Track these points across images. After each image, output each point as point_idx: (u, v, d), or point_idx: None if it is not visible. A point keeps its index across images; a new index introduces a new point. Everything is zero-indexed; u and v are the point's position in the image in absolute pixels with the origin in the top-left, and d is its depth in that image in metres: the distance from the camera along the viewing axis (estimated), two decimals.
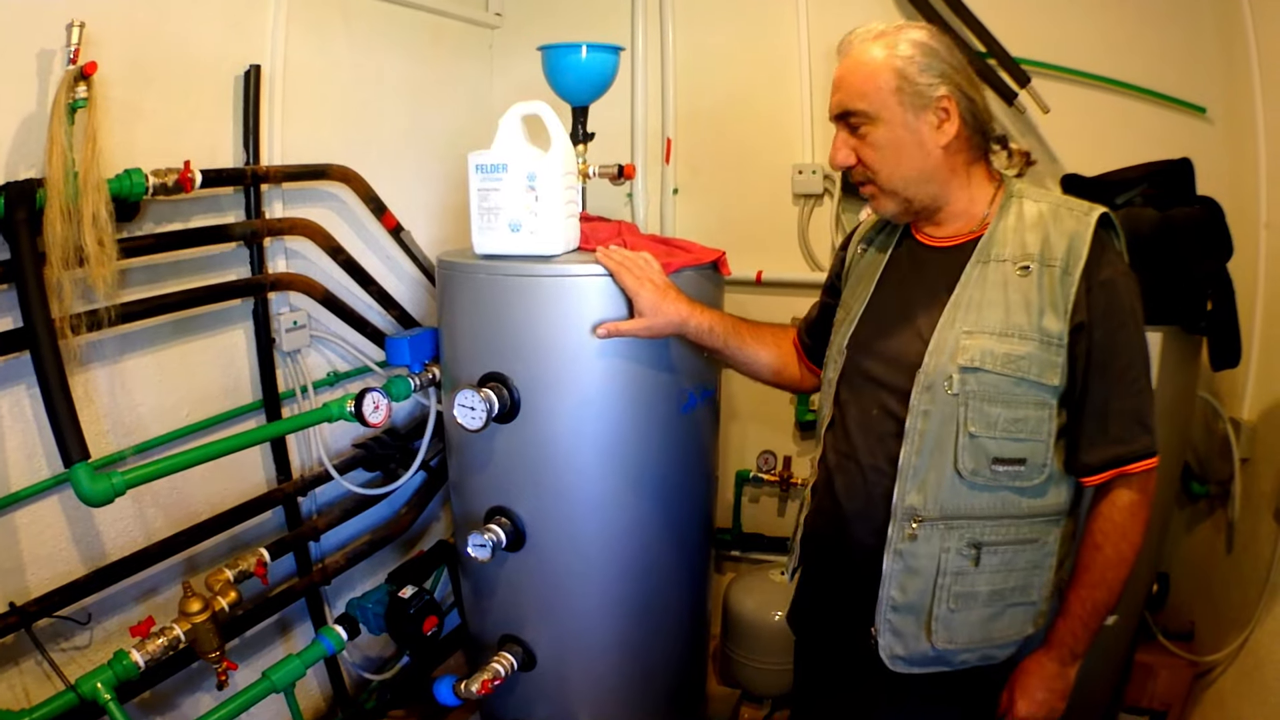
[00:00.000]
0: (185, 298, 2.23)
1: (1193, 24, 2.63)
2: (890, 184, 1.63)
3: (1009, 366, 1.53)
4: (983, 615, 1.61)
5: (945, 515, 1.58)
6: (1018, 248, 1.57)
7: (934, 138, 1.59)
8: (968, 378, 1.54)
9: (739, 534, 3.48)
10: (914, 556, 1.59)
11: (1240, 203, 2.47)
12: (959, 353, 1.55)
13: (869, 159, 1.62)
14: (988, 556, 1.58)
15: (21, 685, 1.98)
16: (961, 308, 1.58)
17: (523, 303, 2.08)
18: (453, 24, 3.26)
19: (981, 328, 1.55)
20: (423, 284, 3.07)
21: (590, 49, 2.38)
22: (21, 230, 1.79)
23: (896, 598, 1.62)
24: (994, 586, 1.60)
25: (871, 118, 1.59)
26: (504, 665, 2.23)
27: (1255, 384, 2.50)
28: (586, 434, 2.13)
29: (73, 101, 1.84)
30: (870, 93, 1.58)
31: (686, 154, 3.35)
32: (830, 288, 1.98)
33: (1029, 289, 1.54)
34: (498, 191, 2.07)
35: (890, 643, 1.63)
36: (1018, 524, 1.59)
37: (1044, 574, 1.64)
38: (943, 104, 1.57)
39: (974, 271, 1.59)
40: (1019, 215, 1.61)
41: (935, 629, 1.60)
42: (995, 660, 1.66)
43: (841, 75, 1.63)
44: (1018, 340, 1.53)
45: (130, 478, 1.87)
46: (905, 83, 1.56)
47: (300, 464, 2.67)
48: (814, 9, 3.07)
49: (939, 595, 1.59)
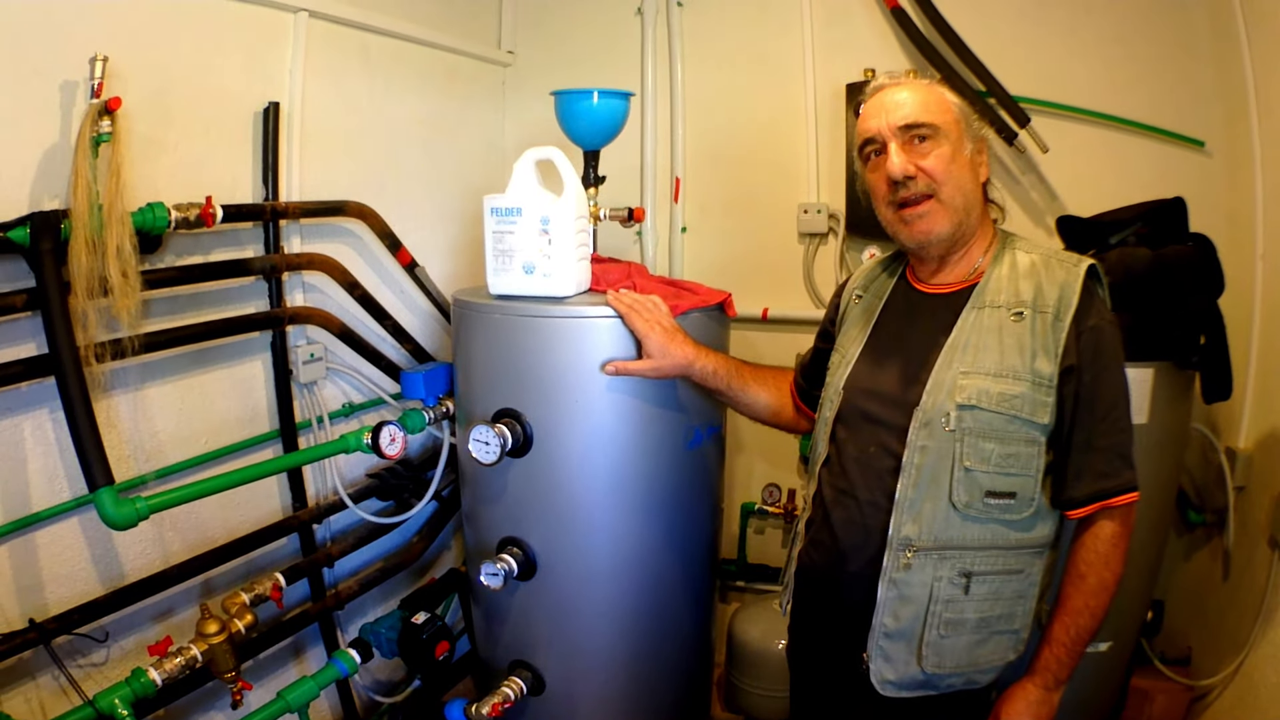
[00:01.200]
0: (206, 329, 2.28)
1: (1191, 59, 2.68)
2: (953, 199, 1.67)
3: (1003, 405, 1.59)
4: (969, 641, 1.66)
5: (939, 545, 1.63)
6: (1012, 295, 1.65)
7: (979, 173, 1.72)
8: (964, 415, 1.60)
9: (744, 564, 3.49)
10: (908, 585, 1.64)
11: (1237, 235, 2.52)
12: (956, 391, 1.61)
13: (934, 169, 1.65)
14: (977, 585, 1.64)
15: (38, 699, 2.01)
16: (959, 350, 1.65)
17: (536, 342, 2.12)
18: (467, 63, 3.32)
19: (978, 368, 1.62)
20: (436, 318, 3.11)
21: (602, 95, 2.41)
22: (47, 260, 1.83)
23: (889, 624, 1.66)
24: (982, 614, 1.65)
25: (942, 134, 1.66)
26: (514, 689, 2.26)
27: (1251, 413, 2.52)
28: (596, 468, 2.17)
29: (97, 135, 1.88)
30: (939, 112, 1.67)
31: (695, 193, 3.40)
32: (824, 333, 2.06)
33: (1022, 333, 1.62)
34: (512, 234, 2.12)
35: (881, 668, 1.68)
36: (1006, 555, 1.65)
37: (1027, 603, 1.69)
38: (981, 147, 1.72)
39: (970, 316, 1.67)
40: (1012, 265, 1.69)
41: (926, 654, 1.65)
42: (978, 685, 1.71)
43: (905, 97, 1.68)
44: (1012, 380, 1.60)
45: (154, 503, 1.90)
46: (966, 116, 1.71)
47: (315, 492, 2.71)
48: (820, 51, 3.12)
49: (930, 621, 1.64)
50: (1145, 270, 2.14)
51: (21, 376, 1.90)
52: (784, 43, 3.17)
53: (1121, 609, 2.29)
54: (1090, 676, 2.33)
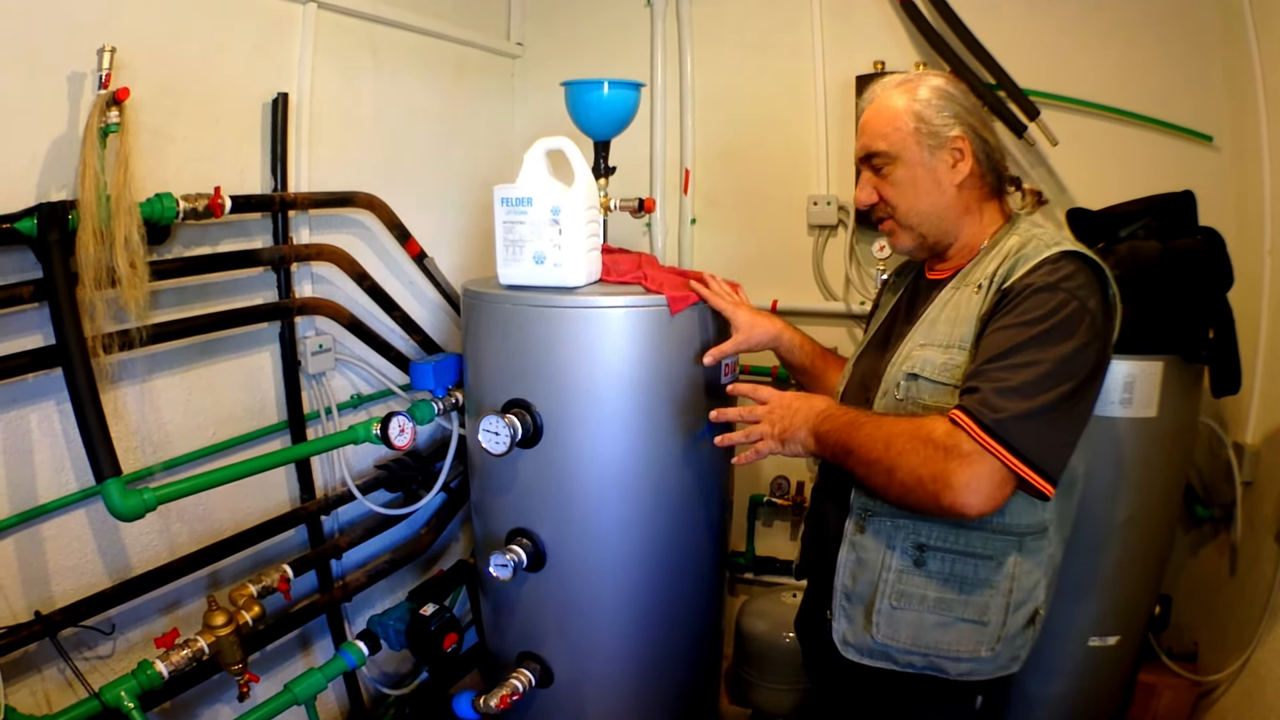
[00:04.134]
0: (214, 320, 2.27)
1: (1200, 54, 2.68)
2: (907, 219, 1.74)
3: (944, 374, 1.62)
4: (927, 620, 1.65)
5: (893, 514, 1.66)
6: (980, 271, 1.66)
7: (949, 176, 1.69)
8: (910, 384, 1.66)
9: (752, 557, 3.50)
10: (863, 549, 1.70)
11: (1245, 229, 2.53)
12: (906, 361, 1.68)
13: (889, 196, 1.74)
14: (933, 560, 1.64)
15: (43, 692, 2.01)
16: (925, 324, 1.71)
17: (546, 332, 2.12)
18: (476, 54, 3.32)
19: (932, 340, 1.67)
20: (445, 309, 3.11)
21: (612, 85, 2.41)
22: (54, 251, 1.82)
23: (848, 584, 1.72)
24: (940, 594, 1.64)
25: (892, 157, 1.70)
26: (523, 681, 2.26)
27: (1259, 409, 2.52)
28: (606, 458, 2.17)
29: (105, 126, 1.87)
30: (890, 134, 1.70)
31: (704, 185, 3.40)
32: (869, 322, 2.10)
33: (973, 304, 1.63)
34: (523, 224, 2.12)
35: (843, 629, 1.74)
36: (967, 534, 1.61)
37: (998, 597, 1.62)
38: (957, 144, 1.67)
39: (947, 295, 1.71)
40: (1001, 247, 1.67)
41: (877, 621, 1.67)
42: (946, 673, 1.67)
43: (866, 120, 1.75)
44: (957, 350, 1.62)
45: (162, 494, 1.91)
46: (922, 124, 1.68)
47: (323, 483, 2.71)
48: (830, 43, 3.12)
49: (881, 589, 1.67)
50: (1155, 263, 2.14)
51: (28, 368, 1.90)
52: (793, 34, 3.17)
53: (1129, 603, 2.32)
54: (1098, 670, 2.33)
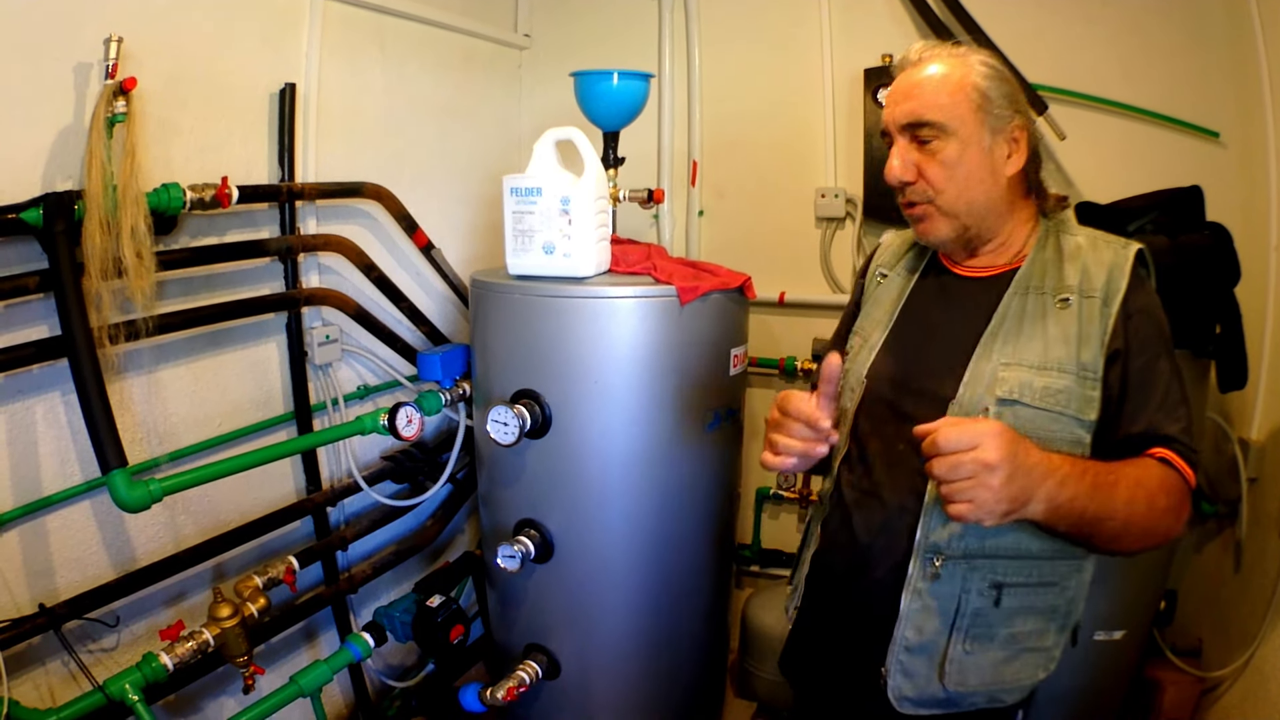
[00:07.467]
0: (221, 310, 2.26)
1: (1206, 49, 2.66)
2: (953, 207, 1.52)
3: (1048, 400, 1.44)
4: (996, 658, 1.52)
5: (969, 554, 1.48)
6: (1056, 279, 1.51)
7: (1004, 166, 1.52)
8: (1004, 410, 1.44)
9: (758, 550, 3.50)
10: (934, 596, 1.50)
11: (1252, 225, 2.51)
12: (996, 384, 1.46)
13: (933, 176, 1.51)
14: (1008, 597, 1.50)
15: (47, 685, 2.00)
16: (999, 339, 1.50)
17: (555, 322, 2.12)
18: (483, 46, 3.31)
19: (1019, 360, 1.47)
20: (452, 300, 3.11)
21: (622, 76, 2.41)
22: (60, 241, 1.81)
23: (911, 638, 1.52)
24: (1011, 629, 1.51)
25: (948, 132, 1.48)
26: (529, 673, 2.27)
27: (1265, 404, 2.51)
28: (614, 450, 2.17)
29: (112, 116, 1.86)
30: (948, 105, 1.48)
31: (712, 177, 3.39)
32: (851, 317, 1.85)
33: (1068, 322, 1.47)
34: (532, 214, 2.12)
35: (900, 684, 1.54)
36: (1040, 565, 1.50)
37: (1059, 620, 1.55)
38: (1015, 133, 1.51)
39: (1012, 303, 1.52)
40: (1057, 248, 1.54)
41: (949, 671, 1.51)
42: (1003, 704, 1.57)
43: (915, 84, 1.51)
44: (1056, 374, 1.45)
45: (167, 485, 1.90)
46: (987, 102, 1.48)
47: (330, 475, 2.70)
48: (838, 35, 3.11)
49: (956, 636, 1.50)
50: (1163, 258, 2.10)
51: (33, 359, 1.89)
52: (802, 27, 3.16)
53: (1135, 599, 2.32)
54: (1104, 665, 2.34)
